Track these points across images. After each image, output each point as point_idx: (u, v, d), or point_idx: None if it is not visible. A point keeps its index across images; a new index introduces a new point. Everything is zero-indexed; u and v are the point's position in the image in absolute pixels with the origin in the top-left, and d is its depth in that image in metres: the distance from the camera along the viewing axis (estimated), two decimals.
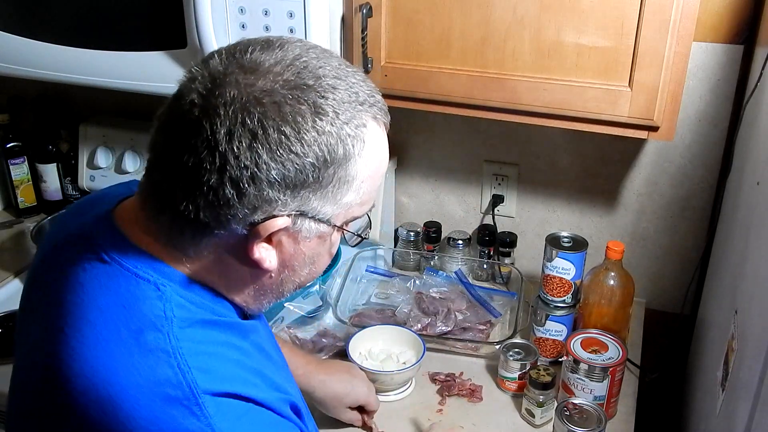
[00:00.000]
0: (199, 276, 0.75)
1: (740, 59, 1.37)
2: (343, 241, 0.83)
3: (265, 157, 0.66)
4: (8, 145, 1.87)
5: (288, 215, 0.71)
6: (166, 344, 0.69)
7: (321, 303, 1.51)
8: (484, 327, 1.49)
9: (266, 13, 1.21)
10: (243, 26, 1.23)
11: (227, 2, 1.21)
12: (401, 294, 1.57)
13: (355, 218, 0.78)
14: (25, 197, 1.93)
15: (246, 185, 0.67)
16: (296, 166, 0.68)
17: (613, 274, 1.34)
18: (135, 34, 1.32)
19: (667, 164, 1.51)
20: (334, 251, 0.82)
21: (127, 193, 0.81)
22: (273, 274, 0.76)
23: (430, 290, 1.56)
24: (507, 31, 1.19)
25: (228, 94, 0.67)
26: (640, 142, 1.51)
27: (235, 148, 0.66)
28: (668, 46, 1.11)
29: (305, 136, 0.67)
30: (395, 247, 1.77)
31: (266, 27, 1.21)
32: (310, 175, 0.69)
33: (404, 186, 1.75)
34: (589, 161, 1.57)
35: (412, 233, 1.72)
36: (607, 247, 1.34)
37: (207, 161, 0.67)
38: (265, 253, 0.73)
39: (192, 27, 1.23)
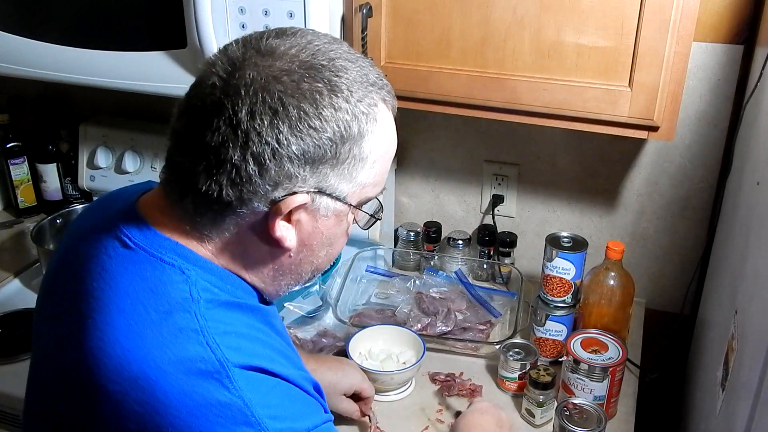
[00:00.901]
0: (221, 259, 0.78)
1: (740, 59, 1.37)
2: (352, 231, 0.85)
3: (285, 132, 0.70)
4: (8, 145, 1.87)
5: (307, 192, 0.73)
6: (194, 323, 0.71)
7: (321, 303, 1.51)
8: (484, 327, 1.49)
9: (266, 13, 1.21)
10: (243, 26, 1.23)
11: (227, 2, 1.21)
12: (401, 294, 1.57)
13: (369, 199, 0.81)
14: (25, 197, 1.93)
15: (268, 161, 0.70)
16: (315, 141, 0.71)
17: (613, 274, 1.34)
18: (135, 34, 1.32)
19: (667, 164, 1.51)
20: (350, 233, 0.84)
21: (147, 188, 0.85)
22: (292, 254, 0.79)
23: (430, 290, 1.56)
24: (507, 31, 1.19)
25: (248, 76, 0.70)
26: (640, 142, 1.51)
27: (257, 125, 0.69)
28: (668, 46, 1.11)
29: (323, 112, 0.71)
30: (395, 247, 1.77)
31: (266, 27, 1.21)
32: (328, 151, 0.72)
33: (404, 186, 1.75)
34: (589, 161, 1.57)
35: (412, 233, 1.72)
36: (607, 247, 1.34)
37: (230, 139, 0.70)
38: (285, 232, 0.76)
39: (192, 27, 1.23)
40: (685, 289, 1.54)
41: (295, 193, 0.73)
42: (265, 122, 0.69)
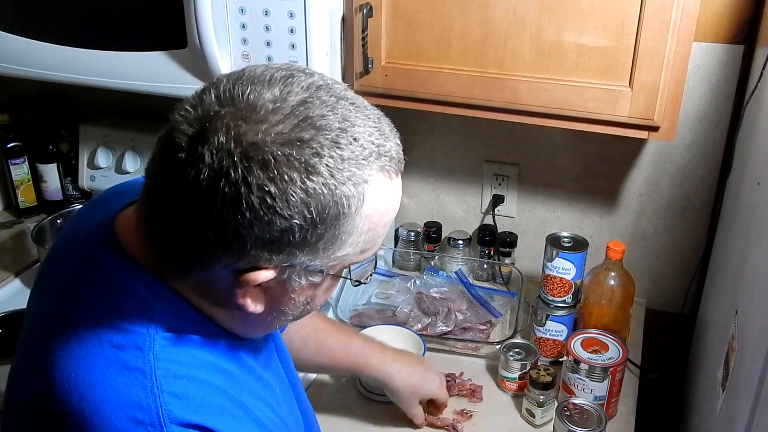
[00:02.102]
0: (189, 298, 0.73)
1: (740, 59, 1.37)
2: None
3: (247, 215, 0.62)
4: (8, 145, 1.87)
5: (274, 268, 0.67)
6: (143, 364, 0.68)
7: None
8: (485, 327, 1.49)
9: (266, 13, 1.21)
10: (243, 26, 1.23)
11: (227, 2, 1.21)
12: (401, 294, 1.57)
13: (356, 263, 0.74)
14: (25, 197, 1.93)
15: (229, 237, 0.64)
16: (282, 226, 0.63)
17: (613, 274, 1.34)
18: (135, 34, 1.32)
19: (668, 164, 1.51)
20: (334, 290, 0.78)
21: (135, 196, 0.79)
22: (262, 315, 0.73)
23: (431, 290, 1.56)
24: (507, 31, 1.19)
25: (215, 142, 0.62)
26: (640, 142, 1.51)
27: (218, 201, 0.62)
28: (668, 46, 1.11)
29: (292, 197, 0.62)
30: (395, 247, 1.77)
31: (266, 27, 1.21)
32: (297, 235, 0.64)
33: (404, 186, 1.73)
34: (589, 161, 1.57)
35: (412, 233, 1.72)
36: (607, 247, 1.34)
37: (191, 207, 0.64)
38: (251, 300, 0.70)
39: (192, 27, 1.23)
40: (685, 289, 1.54)
41: (259, 268, 0.67)
42: (226, 199, 0.62)
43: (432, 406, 1.26)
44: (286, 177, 0.62)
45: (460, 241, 1.68)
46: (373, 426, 1.26)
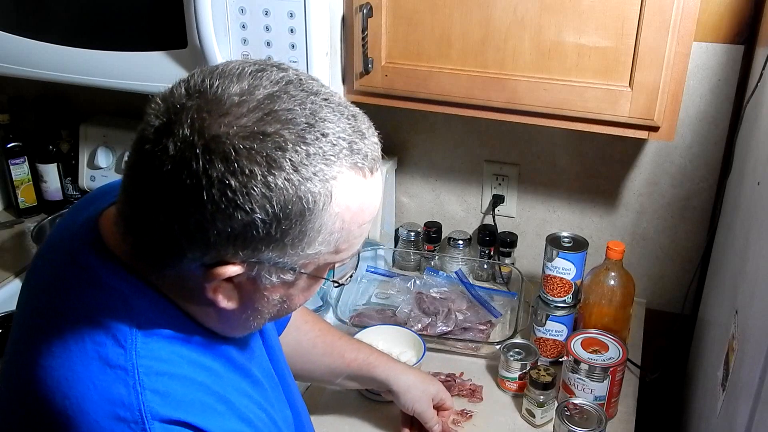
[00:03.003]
0: (169, 295, 0.73)
1: (740, 59, 1.37)
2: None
3: (209, 208, 0.62)
4: (9, 145, 1.87)
5: (242, 263, 0.66)
6: (125, 361, 0.67)
7: (321, 303, 1.51)
8: (485, 327, 1.49)
9: (266, 13, 1.21)
10: (243, 26, 1.23)
11: (227, 2, 1.21)
12: (401, 294, 1.57)
13: (332, 264, 0.72)
14: (25, 197, 1.93)
15: (193, 231, 0.64)
16: (244, 220, 0.63)
17: (613, 274, 1.34)
18: (135, 34, 1.32)
19: (668, 164, 1.51)
20: (315, 291, 0.76)
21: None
22: (237, 312, 0.72)
23: (431, 290, 1.56)
24: (507, 31, 1.19)
25: (179, 134, 0.62)
26: (640, 142, 1.51)
27: (180, 193, 0.62)
28: (668, 46, 1.11)
29: (253, 191, 0.61)
30: (395, 247, 1.77)
31: (266, 27, 1.21)
32: (260, 230, 0.63)
33: (404, 186, 1.75)
34: (589, 161, 1.57)
35: (412, 233, 1.72)
36: (607, 247, 1.34)
37: (157, 199, 0.64)
38: (222, 295, 0.69)
39: (192, 27, 1.23)
40: (685, 289, 1.54)
41: (226, 263, 0.66)
42: (188, 193, 0.62)
43: (439, 412, 1.23)
44: (246, 171, 0.61)
45: (460, 241, 1.68)
46: (373, 426, 1.26)
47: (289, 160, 0.62)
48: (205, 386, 0.71)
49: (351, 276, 0.79)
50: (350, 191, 0.67)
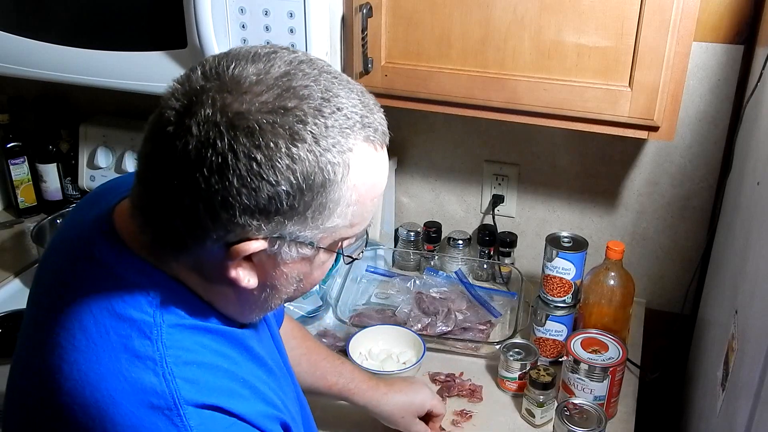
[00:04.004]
0: (189, 283, 0.74)
1: (740, 59, 1.37)
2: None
3: (235, 183, 0.64)
4: (8, 145, 1.87)
5: (264, 238, 0.68)
6: (153, 352, 0.69)
7: (321, 303, 1.51)
8: (484, 327, 1.49)
9: (266, 13, 1.21)
10: (243, 26, 1.23)
11: (227, 2, 1.21)
12: (401, 294, 1.57)
13: (346, 239, 0.75)
14: (25, 197, 1.93)
15: (218, 209, 0.65)
16: (269, 193, 0.65)
17: (613, 274, 1.34)
18: (135, 34, 1.32)
19: (668, 164, 1.51)
20: (328, 267, 0.78)
21: (129, 190, 0.80)
22: (255, 292, 0.74)
23: (430, 290, 1.56)
24: (507, 31, 1.19)
25: (202, 114, 0.64)
26: (640, 142, 1.51)
27: (205, 171, 0.64)
28: (668, 46, 1.11)
29: (278, 164, 0.64)
30: (395, 247, 1.77)
31: (266, 27, 1.21)
32: (284, 203, 0.66)
33: (404, 186, 1.75)
34: (589, 161, 1.57)
35: (412, 233, 1.72)
36: (607, 247, 1.34)
37: (180, 182, 0.65)
38: (243, 273, 0.71)
39: (192, 27, 1.23)
40: (685, 289, 1.54)
41: (249, 239, 0.68)
42: (214, 169, 0.64)
43: (430, 419, 1.22)
44: (271, 144, 0.64)
45: (460, 241, 1.68)
46: (373, 426, 1.26)
47: (310, 132, 0.65)
48: (229, 372, 0.72)
49: (362, 252, 0.81)
50: (364, 164, 0.70)
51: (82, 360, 0.69)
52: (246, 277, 0.71)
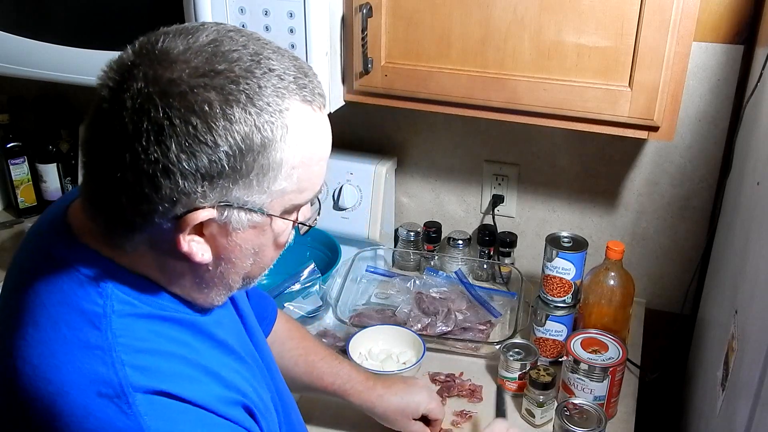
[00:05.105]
0: (141, 270, 0.74)
1: (740, 59, 1.37)
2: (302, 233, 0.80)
3: (174, 149, 0.64)
4: (8, 145, 1.87)
5: (212, 206, 0.68)
6: (102, 341, 0.69)
7: (321, 303, 1.51)
8: (484, 327, 1.49)
9: (266, 13, 1.21)
10: (243, 26, 1.23)
11: (227, 2, 1.22)
12: (401, 294, 1.57)
13: (298, 206, 0.75)
14: (25, 197, 1.93)
15: (160, 179, 0.65)
16: (209, 156, 0.65)
17: (613, 274, 1.34)
18: (135, 34, 1.32)
19: (667, 164, 1.51)
20: (283, 240, 0.77)
21: None
22: (210, 267, 0.74)
23: (430, 290, 1.56)
24: (507, 31, 1.19)
25: (134, 87, 0.65)
26: (640, 142, 1.51)
27: (143, 141, 0.64)
28: (668, 46, 1.11)
29: (214, 125, 0.64)
30: (395, 247, 1.77)
31: (266, 27, 1.21)
32: (226, 165, 0.66)
33: (404, 186, 1.75)
34: (589, 161, 1.57)
35: (412, 233, 1.72)
36: (607, 247, 1.34)
37: (120, 158, 0.66)
38: (196, 247, 0.71)
39: None
40: (685, 289, 1.54)
41: (197, 208, 0.68)
42: (152, 139, 0.64)
43: (429, 423, 1.21)
44: (205, 107, 0.64)
45: (460, 241, 1.68)
46: (373, 426, 1.26)
47: (244, 92, 0.66)
48: (185, 359, 0.72)
49: (316, 219, 0.80)
50: (304, 124, 0.70)
51: (35, 355, 0.69)
52: (199, 251, 0.71)
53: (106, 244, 0.73)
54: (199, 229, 0.70)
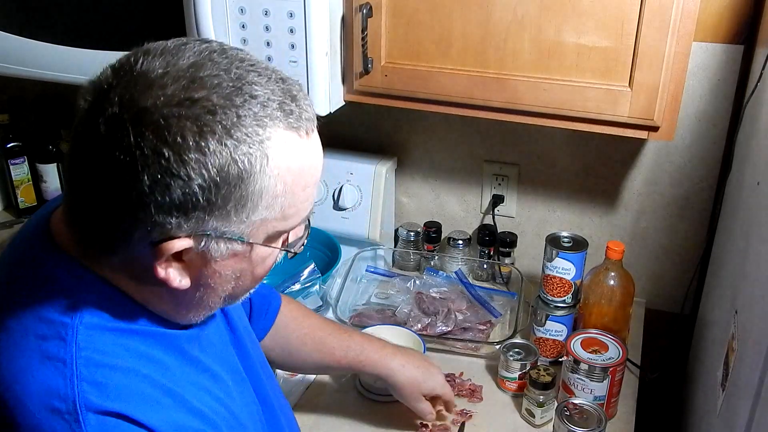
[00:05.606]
0: (119, 284, 0.72)
1: (740, 59, 1.37)
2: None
3: (146, 181, 0.62)
4: (8, 145, 1.88)
5: (188, 236, 0.66)
6: (65, 354, 0.67)
7: (321, 303, 1.51)
8: (484, 327, 1.49)
9: (266, 13, 1.21)
10: (243, 26, 1.23)
11: (227, 2, 1.22)
12: (401, 294, 1.57)
13: (283, 233, 0.72)
14: (25, 197, 1.93)
15: (134, 208, 0.63)
16: (182, 189, 0.62)
17: (613, 274, 1.34)
18: (135, 35, 1.32)
19: (667, 164, 1.51)
20: (271, 263, 0.75)
21: None
22: (189, 292, 0.71)
23: (430, 290, 1.56)
24: (507, 31, 1.19)
25: (108, 111, 0.63)
26: (640, 142, 1.51)
27: (115, 170, 0.62)
28: (668, 46, 1.11)
29: (186, 158, 0.61)
30: (395, 247, 1.77)
31: (266, 27, 1.21)
32: (200, 198, 0.63)
33: (404, 186, 1.75)
34: (589, 161, 1.57)
35: (412, 233, 1.72)
36: (607, 247, 1.34)
37: (94, 182, 0.64)
38: (173, 273, 0.68)
39: (192, 27, 1.23)
40: (685, 289, 1.54)
41: (172, 237, 0.65)
42: (124, 170, 0.62)
43: (435, 403, 1.23)
44: (178, 139, 0.61)
45: (460, 241, 1.68)
46: (373, 426, 1.26)
47: (220, 123, 0.62)
48: (150, 378, 0.70)
49: (302, 244, 0.77)
50: (288, 152, 0.67)
51: (3, 360, 0.69)
52: (177, 278, 0.69)
53: (84, 254, 0.71)
54: (178, 256, 0.68)
